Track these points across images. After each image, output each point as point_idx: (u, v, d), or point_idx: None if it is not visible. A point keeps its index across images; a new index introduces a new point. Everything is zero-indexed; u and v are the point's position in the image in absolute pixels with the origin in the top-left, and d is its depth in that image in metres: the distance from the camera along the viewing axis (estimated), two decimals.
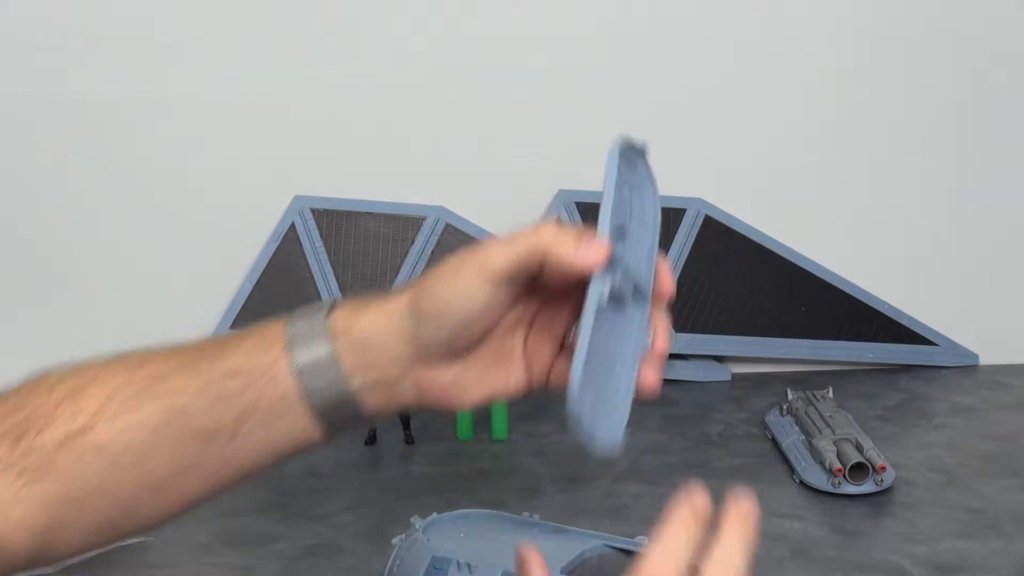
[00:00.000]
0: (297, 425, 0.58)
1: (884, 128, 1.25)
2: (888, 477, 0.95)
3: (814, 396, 1.09)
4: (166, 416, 0.57)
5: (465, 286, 0.57)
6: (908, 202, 1.27)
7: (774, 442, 1.06)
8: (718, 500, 0.98)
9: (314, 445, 0.60)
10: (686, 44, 1.23)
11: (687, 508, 0.56)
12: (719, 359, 1.25)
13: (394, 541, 0.77)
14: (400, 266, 1.22)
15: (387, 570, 0.75)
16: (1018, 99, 1.25)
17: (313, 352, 0.58)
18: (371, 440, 1.08)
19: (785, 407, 1.09)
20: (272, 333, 0.59)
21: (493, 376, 0.60)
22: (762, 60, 1.23)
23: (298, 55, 1.20)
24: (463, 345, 0.58)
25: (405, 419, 1.08)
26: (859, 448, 0.97)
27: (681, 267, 1.23)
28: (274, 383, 0.58)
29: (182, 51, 1.19)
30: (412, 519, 0.77)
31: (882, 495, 0.95)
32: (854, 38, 1.23)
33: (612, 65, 1.23)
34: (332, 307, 0.60)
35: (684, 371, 1.24)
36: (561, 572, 0.69)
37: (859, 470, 0.95)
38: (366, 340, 0.58)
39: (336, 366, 0.58)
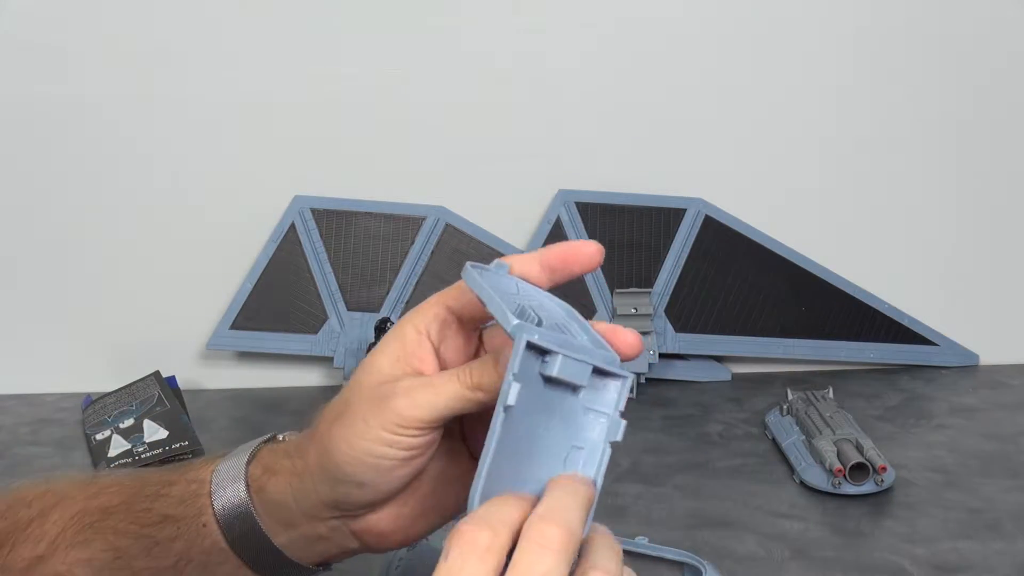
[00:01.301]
0: (237, 574, 0.56)
1: (884, 128, 1.25)
2: (888, 477, 0.95)
3: (814, 396, 1.09)
4: (111, 556, 0.56)
5: (373, 443, 0.50)
6: (908, 202, 1.27)
7: (774, 442, 1.06)
8: (717, 500, 0.99)
9: None
10: (687, 44, 1.23)
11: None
12: (719, 359, 1.25)
13: None
14: (400, 266, 1.22)
15: (387, 570, 0.75)
16: (1018, 100, 1.25)
17: (234, 506, 0.55)
18: None
19: (785, 407, 1.09)
20: (201, 477, 0.57)
21: (444, 497, 0.55)
22: (763, 61, 1.23)
23: (298, 55, 1.20)
24: (392, 495, 0.53)
25: None
26: (859, 448, 0.97)
27: (681, 267, 1.23)
28: (202, 534, 0.55)
29: (182, 51, 1.19)
30: None
31: (882, 495, 0.95)
32: (855, 40, 1.23)
33: (613, 65, 1.23)
34: (254, 454, 0.56)
35: (684, 371, 1.24)
36: None
37: (859, 470, 0.95)
38: (280, 502, 0.55)
39: (255, 522, 0.55)
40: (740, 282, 1.24)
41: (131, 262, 1.23)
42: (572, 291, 1.20)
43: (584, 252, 0.52)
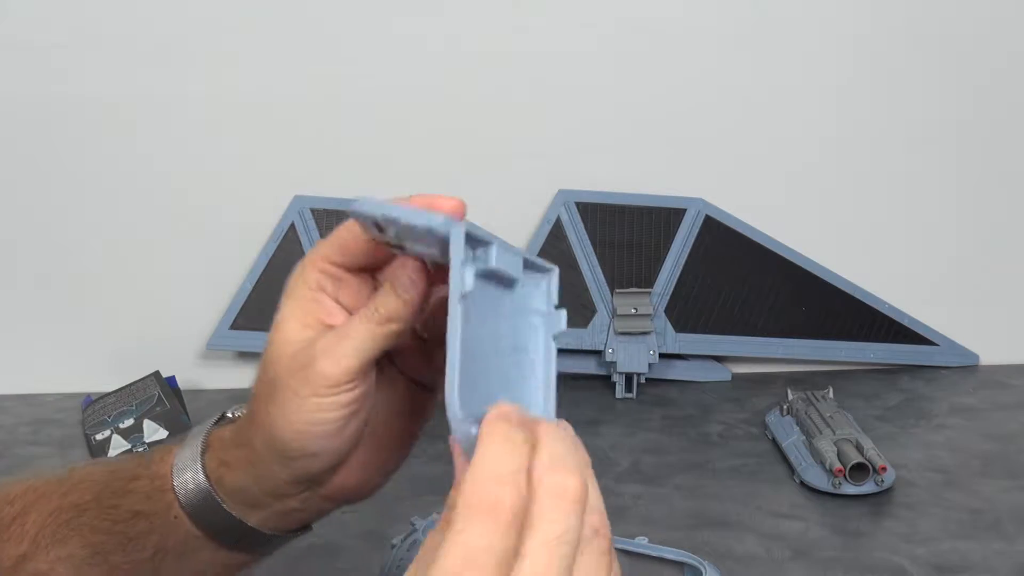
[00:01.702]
0: (218, 556, 0.56)
1: (885, 127, 1.25)
2: (888, 478, 0.95)
3: (814, 396, 1.09)
4: (88, 552, 0.56)
5: (312, 412, 0.50)
6: (908, 202, 1.27)
7: (774, 442, 1.06)
8: (717, 500, 0.99)
9: (253, 564, 0.58)
10: (687, 44, 1.23)
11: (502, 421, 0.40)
12: (719, 359, 1.25)
13: (394, 541, 0.77)
14: None
15: (387, 570, 0.75)
16: (1018, 100, 1.25)
17: (200, 499, 0.55)
18: None
19: (785, 407, 1.09)
20: (163, 472, 0.56)
21: (401, 430, 0.55)
22: (763, 60, 1.23)
23: (298, 55, 1.20)
24: (348, 453, 0.53)
25: None
26: (859, 448, 0.97)
27: (681, 267, 1.23)
28: (175, 525, 0.55)
29: (182, 51, 1.19)
30: (412, 519, 0.77)
31: (882, 495, 0.95)
32: (855, 40, 1.23)
33: (613, 65, 1.23)
34: (207, 444, 0.56)
35: (684, 371, 1.24)
36: None
37: (859, 470, 0.95)
38: (243, 489, 0.54)
39: (224, 511, 0.55)
40: (740, 282, 1.24)
41: (131, 262, 1.23)
42: (573, 290, 1.20)
43: (444, 206, 0.49)
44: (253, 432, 0.53)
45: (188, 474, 0.55)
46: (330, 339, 0.50)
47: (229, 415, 0.59)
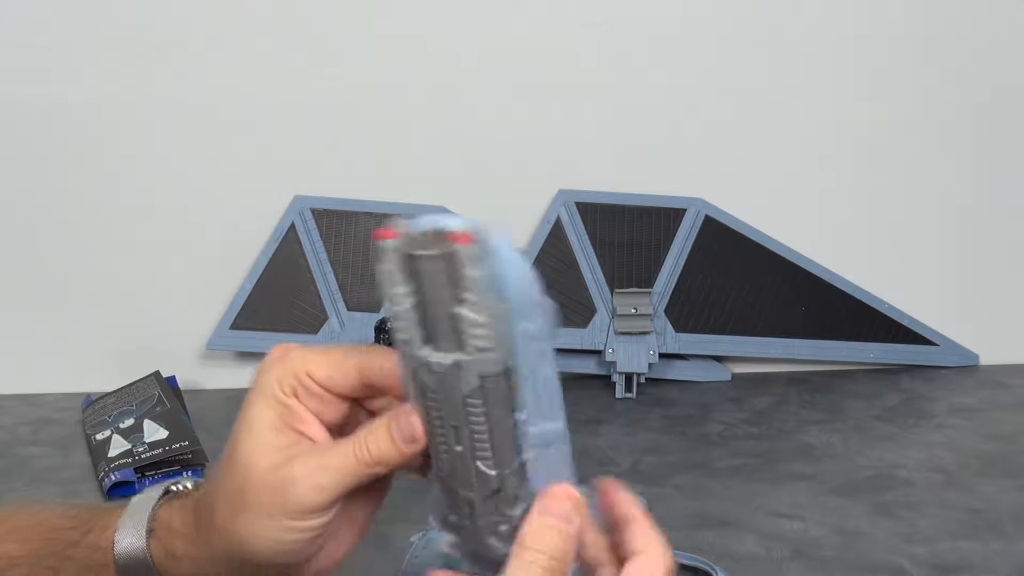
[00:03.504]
0: None
1: (884, 128, 1.25)
2: None
3: None
4: None
5: (285, 532, 0.48)
6: (908, 202, 1.27)
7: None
8: (717, 500, 0.99)
9: None
10: (687, 44, 1.23)
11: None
12: (719, 359, 1.25)
13: (413, 539, 0.77)
14: None
15: (404, 567, 0.75)
16: (1018, 103, 1.25)
17: None
18: None
19: None
20: (104, 543, 0.53)
21: (354, 516, 0.52)
22: (763, 61, 1.23)
23: (298, 55, 1.20)
24: (313, 553, 0.50)
25: None
26: None
27: (681, 267, 1.23)
28: None
29: (182, 51, 1.19)
30: (430, 517, 0.77)
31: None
32: (855, 40, 1.23)
33: (613, 65, 1.23)
34: (151, 527, 0.53)
35: (684, 371, 1.24)
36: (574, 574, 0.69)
37: None
38: None
39: None
40: (740, 282, 1.24)
41: (131, 262, 1.23)
42: (572, 291, 1.20)
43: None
44: (213, 535, 0.50)
45: (134, 561, 0.52)
46: (310, 465, 0.47)
47: (174, 489, 0.55)
